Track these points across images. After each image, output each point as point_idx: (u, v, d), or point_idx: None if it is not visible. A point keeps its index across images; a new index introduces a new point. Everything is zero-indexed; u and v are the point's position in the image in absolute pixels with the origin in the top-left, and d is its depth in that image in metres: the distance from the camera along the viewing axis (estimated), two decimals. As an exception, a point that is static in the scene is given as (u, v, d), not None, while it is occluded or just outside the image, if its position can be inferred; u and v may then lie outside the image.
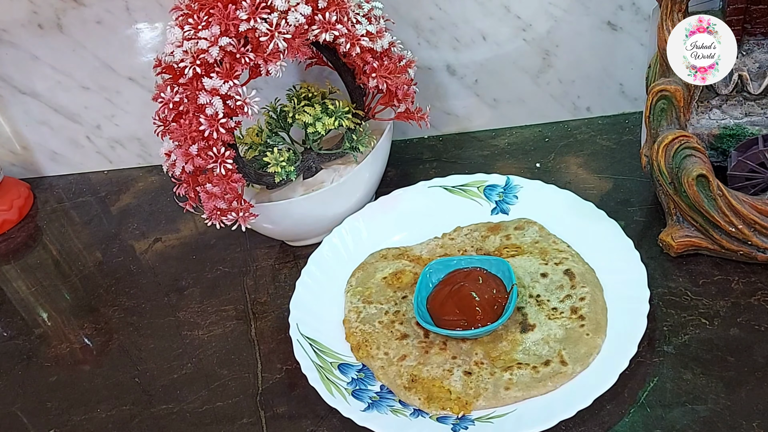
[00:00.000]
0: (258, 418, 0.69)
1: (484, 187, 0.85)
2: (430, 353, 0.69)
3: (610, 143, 0.91)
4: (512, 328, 0.69)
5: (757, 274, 0.69)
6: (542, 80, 0.93)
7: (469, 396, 0.64)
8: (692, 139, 0.66)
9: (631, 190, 0.83)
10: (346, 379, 0.68)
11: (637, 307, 0.65)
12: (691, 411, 0.60)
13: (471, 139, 0.99)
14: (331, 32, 0.71)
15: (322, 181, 0.84)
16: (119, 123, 1.06)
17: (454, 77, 0.95)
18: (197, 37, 0.68)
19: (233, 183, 0.72)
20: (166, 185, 1.06)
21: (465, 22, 0.90)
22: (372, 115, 0.84)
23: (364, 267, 0.80)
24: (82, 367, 0.81)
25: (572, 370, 0.63)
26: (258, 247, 0.90)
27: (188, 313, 0.83)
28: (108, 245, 0.98)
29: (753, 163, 0.67)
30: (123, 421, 0.72)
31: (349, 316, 0.75)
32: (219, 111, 0.68)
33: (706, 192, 0.66)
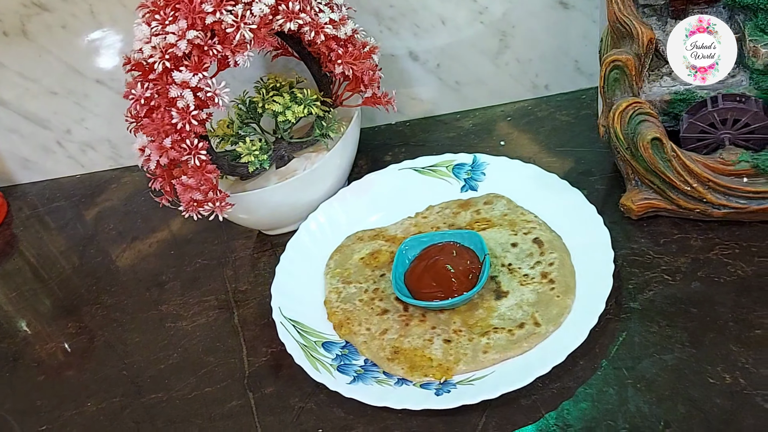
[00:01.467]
0: (247, 400, 0.71)
1: (453, 166, 0.87)
2: (410, 325, 0.71)
3: (569, 118, 0.94)
4: (487, 296, 0.72)
5: (714, 230, 0.73)
6: (501, 61, 0.97)
7: (450, 362, 0.67)
8: (645, 105, 0.70)
9: (592, 160, 0.86)
10: (330, 356, 0.71)
11: (603, 269, 0.69)
12: (659, 361, 0.63)
13: (437, 123, 1.02)
14: (295, 21, 0.73)
15: (295, 169, 0.86)
16: (89, 126, 1.07)
17: (416, 63, 0.98)
18: (165, 32, 0.69)
19: (208, 174, 0.74)
20: (139, 186, 1.07)
21: (424, 8, 0.92)
22: (340, 102, 0.86)
23: (342, 249, 0.82)
24: (69, 365, 0.82)
25: (545, 330, 0.67)
26: (235, 238, 0.92)
27: (171, 306, 0.85)
28: (85, 248, 0.99)
29: (703, 124, 0.70)
30: (114, 413, 0.74)
31: (329, 296, 0.77)
32: (190, 103, 0.70)
33: (661, 154, 0.70)
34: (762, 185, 0.69)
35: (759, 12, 0.67)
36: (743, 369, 0.61)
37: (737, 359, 0.61)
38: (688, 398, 0.60)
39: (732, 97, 0.69)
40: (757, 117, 0.68)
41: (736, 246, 0.71)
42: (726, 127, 0.70)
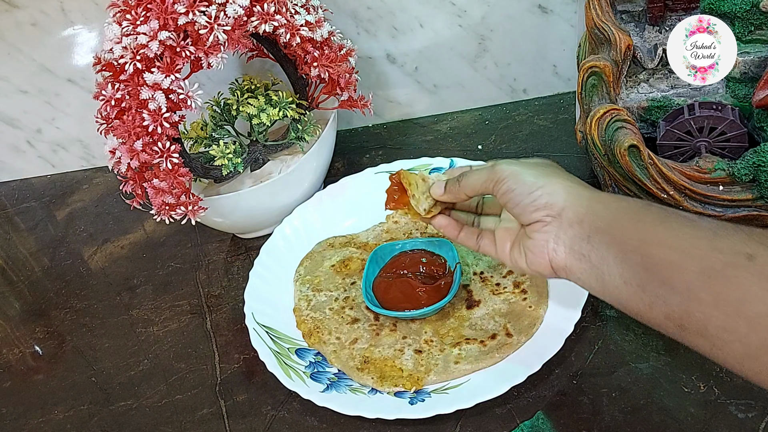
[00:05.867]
0: (218, 408, 0.70)
1: (430, 170, 0.87)
2: (381, 335, 0.70)
3: (547, 123, 0.94)
4: (458, 305, 0.71)
5: (690, 238, 0.73)
6: (479, 65, 0.96)
7: (421, 372, 0.66)
8: (623, 112, 0.69)
9: (569, 166, 0.85)
10: (304, 363, 0.70)
11: (579, 276, 0.68)
12: (635, 369, 0.63)
13: (414, 126, 1.01)
14: (270, 23, 0.72)
15: (270, 172, 0.84)
16: (60, 126, 1.05)
17: (394, 65, 0.97)
18: (136, 32, 0.68)
19: (180, 177, 0.72)
20: (111, 186, 1.06)
21: (402, 10, 0.92)
22: (316, 104, 0.85)
23: (312, 256, 0.81)
24: (36, 370, 0.80)
25: (517, 340, 0.66)
26: (209, 241, 0.90)
27: (142, 310, 0.83)
28: (55, 249, 0.97)
29: (680, 132, 0.70)
30: (81, 421, 0.72)
31: (299, 304, 0.76)
32: (162, 105, 0.68)
33: (638, 161, 0.69)
34: (737, 193, 0.69)
35: (736, 20, 0.67)
36: (717, 378, 0.61)
37: (712, 368, 0.61)
38: (663, 407, 0.60)
39: (709, 105, 0.69)
40: (733, 125, 0.68)
41: (711, 254, 0.71)
42: (702, 135, 0.69)
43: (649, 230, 0.49)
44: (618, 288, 0.49)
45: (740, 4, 0.66)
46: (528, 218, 0.54)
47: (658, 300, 0.47)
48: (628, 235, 0.49)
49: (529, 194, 0.53)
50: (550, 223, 0.53)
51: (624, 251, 0.49)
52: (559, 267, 0.53)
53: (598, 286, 0.51)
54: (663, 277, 0.46)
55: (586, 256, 0.51)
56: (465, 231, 0.63)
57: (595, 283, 0.51)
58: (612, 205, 0.52)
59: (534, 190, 0.53)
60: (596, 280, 0.51)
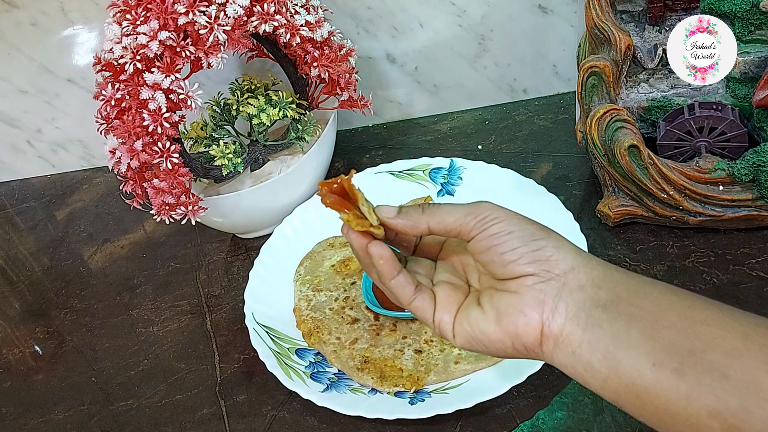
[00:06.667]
0: (218, 408, 0.70)
1: (429, 170, 0.87)
2: (381, 335, 0.70)
3: (547, 123, 0.94)
4: (462, 304, 0.71)
5: (690, 238, 0.73)
6: (479, 65, 0.96)
7: (421, 372, 0.66)
8: (623, 112, 0.69)
9: (569, 166, 0.86)
10: (304, 363, 0.70)
11: (579, 275, 0.68)
12: (634, 369, 0.63)
13: (414, 126, 1.01)
14: (270, 23, 0.72)
15: (270, 172, 0.84)
16: (60, 126, 1.05)
17: (394, 65, 0.97)
18: (136, 32, 0.68)
19: (180, 177, 0.72)
20: (111, 186, 1.06)
21: (402, 10, 0.92)
22: (316, 104, 0.85)
23: (312, 256, 0.81)
24: (36, 370, 0.80)
25: (519, 339, 0.66)
26: (209, 241, 0.90)
27: (142, 310, 0.83)
28: (55, 249, 0.97)
29: (680, 132, 0.70)
30: (81, 421, 0.72)
31: (299, 304, 0.76)
32: (162, 105, 0.68)
33: (638, 161, 0.69)
34: (737, 193, 0.69)
35: (736, 20, 0.67)
36: (718, 378, 0.61)
37: (712, 368, 0.61)
38: (663, 408, 0.60)
39: (708, 105, 0.69)
40: (733, 125, 0.68)
41: (711, 254, 0.71)
42: (702, 135, 0.69)
43: (689, 305, 0.41)
44: (639, 372, 0.40)
45: (740, 4, 0.66)
46: (516, 270, 0.45)
47: (702, 390, 0.38)
48: (663, 308, 0.41)
49: (532, 241, 0.45)
50: (549, 280, 0.44)
51: (655, 327, 0.40)
52: (551, 334, 0.44)
53: (603, 367, 0.41)
54: (712, 361, 0.38)
55: (597, 325, 0.42)
56: (404, 275, 0.49)
57: (599, 361, 0.42)
58: (633, 275, 0.44)
59: (538, 238, 0.45)
60: (603, 356, 0.41)
